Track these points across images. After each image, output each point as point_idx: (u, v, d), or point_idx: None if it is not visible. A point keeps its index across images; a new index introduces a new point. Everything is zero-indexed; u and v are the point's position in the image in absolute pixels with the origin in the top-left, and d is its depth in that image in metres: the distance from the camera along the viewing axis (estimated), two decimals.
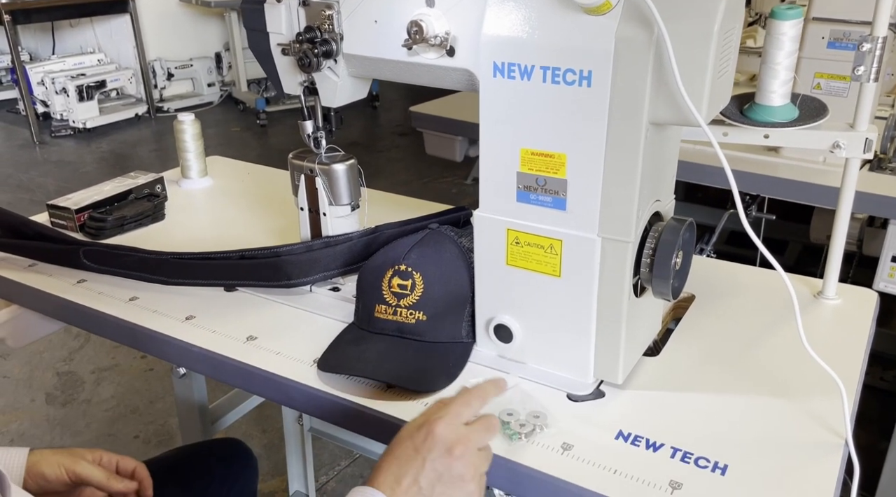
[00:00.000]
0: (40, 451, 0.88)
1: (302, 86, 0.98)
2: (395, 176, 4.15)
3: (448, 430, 0.68)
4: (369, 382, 0.87)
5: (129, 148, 4.72)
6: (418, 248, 0.93)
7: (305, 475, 1.79)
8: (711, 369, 0.89)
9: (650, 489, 0.71)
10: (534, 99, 0.77)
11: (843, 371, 0.81)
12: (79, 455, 0.89)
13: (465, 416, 0.71)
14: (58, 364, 2.51)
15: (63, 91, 4.77)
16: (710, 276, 1.09)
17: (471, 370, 0.90)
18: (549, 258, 0.83)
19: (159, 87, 5.36)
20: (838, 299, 1.03)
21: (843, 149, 0.92)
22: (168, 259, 1.07)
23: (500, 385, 0.77)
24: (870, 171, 1.53)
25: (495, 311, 0.89)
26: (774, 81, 0.91)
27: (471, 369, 0.90)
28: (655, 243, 0.81)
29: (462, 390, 0.74)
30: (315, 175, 1.03)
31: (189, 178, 1.48)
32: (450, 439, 0.67)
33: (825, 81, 1.51)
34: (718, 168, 0.73)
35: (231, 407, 1.59)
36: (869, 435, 1.89)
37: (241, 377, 0.93)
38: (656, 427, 0.79)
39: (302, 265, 1.03)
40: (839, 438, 0.77)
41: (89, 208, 1.26)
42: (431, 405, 0.73)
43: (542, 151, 0.79)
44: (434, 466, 0.67)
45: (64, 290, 1.08)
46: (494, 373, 0.89)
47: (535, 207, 0.82)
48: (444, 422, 0.68)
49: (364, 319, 0.95)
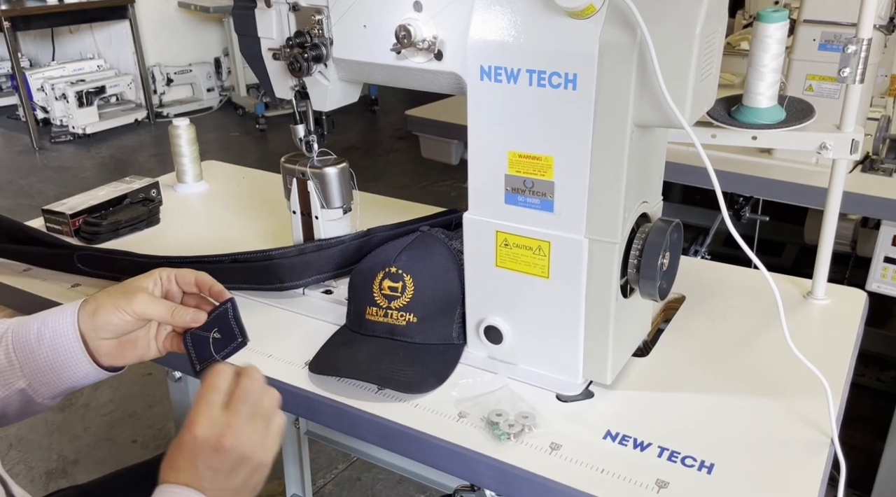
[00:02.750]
0: (94, 298, 0.80)
1: (293, 90, 0.99)
2: (395, 180, 4.16)
3: (206, 428, 0.67)
4: (361, 384, 0.87)
5: (129, 153, 4.73)
6: (409, 250, 0.94)
7: (302, 478, 1.79)
8: (700, 370, 0.90)
9: (637, 488, 0.72)
10: (520, 102, 0.78)
11: (830, 371, 0.82)
12: (134, 289, 0.80)
13: (218, 400, 0.69)
14: None
15: (63, 97, 4.79)
16: (701, 277, 1.10)
17: (461, 372, 0.90)
18: (537, 259, 0.84)
19: (159, 92, 5.38)
20: (827, 299, 1.04)
21: (830, 150, 0.93)
22: (162, 263, 1.08)
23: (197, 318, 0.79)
24: (862, 172, 1.54)
25: (485, 312, 0.90)
26: (761, 83, 0.92)
27: (461, 371, 0.90)
28: (642, 244, 0.81)
29: (204, 377, 0.72)
30: (307, 178, 1.04)
31: (184, 182, 1.48)
32: (212, 437, 0.66)
33: (817, 83, 1.51)
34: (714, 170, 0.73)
35: None
36: (865, 435, 1.90)
37: None
38: (644, 427, 0.80)
39: (294, 268, 1.04)
40: (826, 438, 0.78)
41: (84, 213, 1.27)
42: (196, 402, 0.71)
43: (530, 154, 0.80)
44: (211, 466, 0.66)
45: (59, 295, 1.09)
46: (485, 374, 0.89)
47: (523, 209, 0.83)
48: (200, 420, 0.67)
49: (356, 322, 0.96)
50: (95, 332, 0.79)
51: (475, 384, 0.88)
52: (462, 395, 0.86)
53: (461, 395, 0.86)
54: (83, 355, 0.79)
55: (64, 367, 0.78)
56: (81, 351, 0.78)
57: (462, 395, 0.86)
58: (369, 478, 2.00)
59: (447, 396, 0.86)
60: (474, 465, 0.77)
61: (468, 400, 0.85)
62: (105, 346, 0.80)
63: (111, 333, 0.79)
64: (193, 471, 0.66)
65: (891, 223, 1.45)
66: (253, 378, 0.72)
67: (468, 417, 0.82)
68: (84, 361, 0.79)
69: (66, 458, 2.10)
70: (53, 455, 2.12)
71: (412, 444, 0.81)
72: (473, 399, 0.85)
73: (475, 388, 0.87)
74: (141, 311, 0.79)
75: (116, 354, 0.81)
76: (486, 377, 0.89)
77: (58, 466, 2.08)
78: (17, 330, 0.80)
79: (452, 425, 0.81)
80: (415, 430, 0.80)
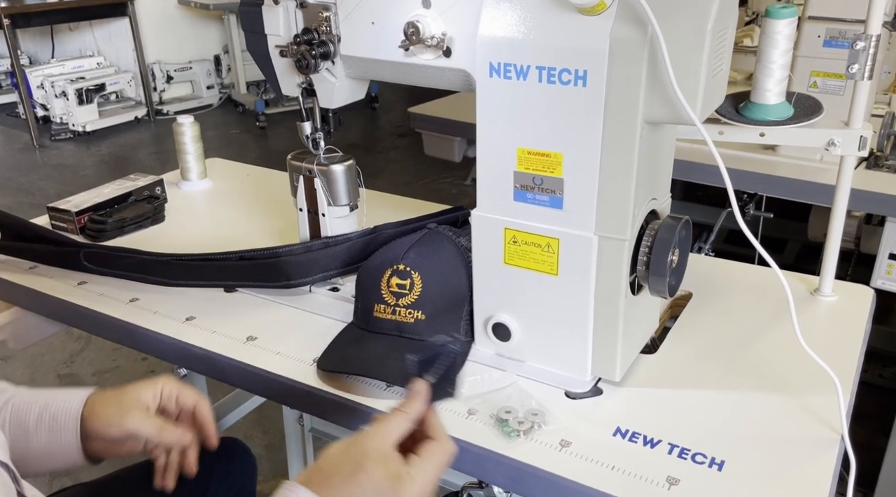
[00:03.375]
0: (92, 402, 0.82)
1: (300, 87, 0.99)
2: (395, 177, 4.15)
3: (379, 469, 0.63)
4: (369, 382, 0.87)
5: (129, 151, 4.72)
6: (417, 247, 0.94)
7: None
8: (708, 366, 0.90)
9: (648, 485, 0.72)
10: (530, 99, 0.78)
11: (839, 367, 0.82)
12: (129, 404, 0.83)
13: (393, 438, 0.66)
14: (59, 366, 2.52)
15: (63, 94, 4.78)
16: (707, 275, 1.10)
17: (469, 369, 0.90)
18: (546, 257, 0.83)
19: (158, 89, 5.37)
20: (835, 296, 1.04)
21: (838, 146, 0.93)
22: (168, 260, 1.08)
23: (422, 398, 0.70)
24: (867, 168, 1.54)
25: (493, 309, 0.89)
26: (770, 80, 0.91)
27: (469, 368, 0.90)
28: (652, 241, 0.81)
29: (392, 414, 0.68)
30: (314, 176, 1.04)
31: (189, 180, 1.48)
32: (380, 480, 0.63)
33: (821, 80, 1.51)
34: (717, 167, 0.73)
35: (231, 408, 1.59)
36: (868, 432, 1.90)
37: (242, 377, 0.93)
38: (654, 424, 0.80)
39: (301, 266, 1.04)
40: (835, 434, 0.78)
41: (89, 211, 1.27)
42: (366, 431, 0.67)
43: (539, 151, 0.80)
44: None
45: (65, 293, 1.09)
46: (493, 371, 0.89)
47: (533, 206, 0.82)
48: (378, 456, 0.64)
49: (363, 319, 0.96)
50: (87, 433, 0.83)
51: (483, 381, 0.88)
52: (471, 392, 0.86)
53: (470, 393, 0.86)
54: (76, 448, 0.82)
55: (54, 454, 0.81)
56: (77, 446, 0.82)
57: (471, 392, 0.86)
58: None
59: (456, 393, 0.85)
60: (485, 462, 0.77)
61: (477, 397, 0.85)
62: (95, 445, 0.83)
63: (101, 439, 0.83)
64: (330, 494, 0.63)
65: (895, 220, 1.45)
66: (449, 452, 0.68)
67: (477, 414, 0.82)
68: (75, 453, 0.82)
69: None
70: None
71: None
72: (482, 396, 0.85)
73: (483, 385, 0.87)
74: (132, 428, 0.82)
75: (103, 451, 0.84)
76: (494, 374, 0.89)
77: None
78: (18, 408, 0.82)
79: (462, 422, 0.81)
80: None
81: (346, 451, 0.65)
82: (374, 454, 0.64)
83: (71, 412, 0.82)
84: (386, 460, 0.64)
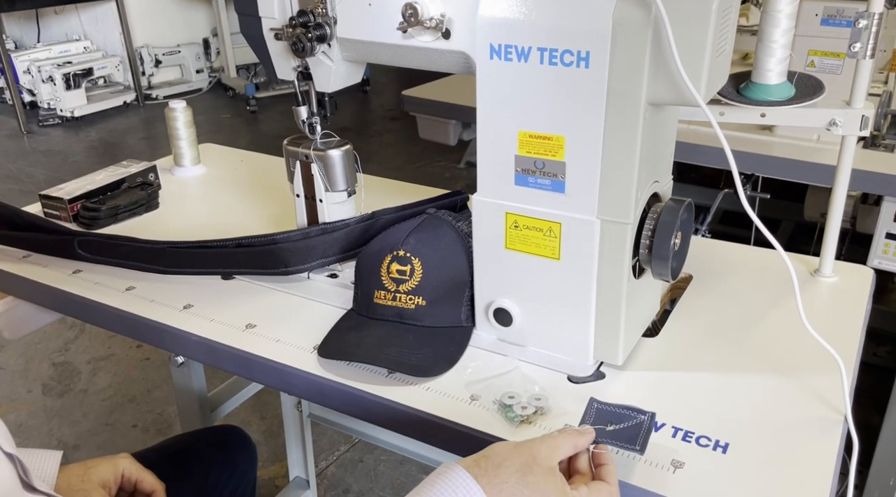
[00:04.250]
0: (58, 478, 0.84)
1: (296, 71, 0.97)
2: (388, 161, 4.13)
3: (550, 480, 0.64)
4: (371, 368, 0.87)
5: (119, 136, 4.68)
6: (416, 233, 0.93)
7: (305, 461, 1.79)
8: (710, 349, 0.90)
9: (653, 469, 0.72)
10: (531, 81, 0.77)
11: (842, 348, 0.82)
12: (93, 483, 0.84)
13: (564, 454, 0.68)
14: (53, 354, 2.51)
15: (50, 79, 4.72)
16: (706, 256, 1.09)
17: (471, 354, 0.90)
18: (548, 241, 0.83)
19: (147, 74, 5.31)
20: (835, 277, 1.04)
21: (840, 126, 0.92)
22: (164, 248, 1.07)
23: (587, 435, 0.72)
24: (864, 148, 1.53)
25: (495, 294, 0.89)
26: (771, 59, 0.91)
27: (471, 354, 0.90)
28: (654, 224, 0.81)
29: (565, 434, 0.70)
30: (311, 161, 1.03)
31: (182, 165, 1.46)
32: (553, 490, 0.64)
33: (819, 59, 1.50)
34: (713, 148, 0.73)
35: (230, 395, 1.59)
36: (863, 410, 1.91)
37: (242, 365, 0.92)
38: (657, 407, 0.79)
39: (299, 252, 1.03)
40: (839, 415, 0.78)
41: (82, 198, 1.25)
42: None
43: (541, 134, 0.79)
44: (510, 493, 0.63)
45: (59, 281, 1.07)
46: (494, 356, 0.89)
47: (534, 190, 0.82)
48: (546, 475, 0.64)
49: (363, 306, 0.95)
50: None
51: (485, 366, 0.88)
52: (473, 377, 0.86)
53: (472, 378, 0.85)
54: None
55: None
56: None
57: (473, 377, 0.86)
58: (371, 459, 2.01)
59: (458, 379, 0.85)
60: None
61: (479, 382, 0.85)
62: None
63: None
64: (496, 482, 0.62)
65: (893, 199, 1.45)
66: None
67: (480, 400, 0.82)
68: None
69: (66, 443, 2.10)
70: (54, 441, 2.11)
71: (426, 427, 0.80)
72: (485, 382, 0.85)
73: (486, 370, 0.87)
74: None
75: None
76: (496, 360, 0.89)
77: None
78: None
79: (465, 408, 0.81)
80: (428, 413, 0.80)
81: (515, 449, 0.65)
82: (544, 462, 0.64)
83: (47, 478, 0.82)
84: (554, 473, 0.65)
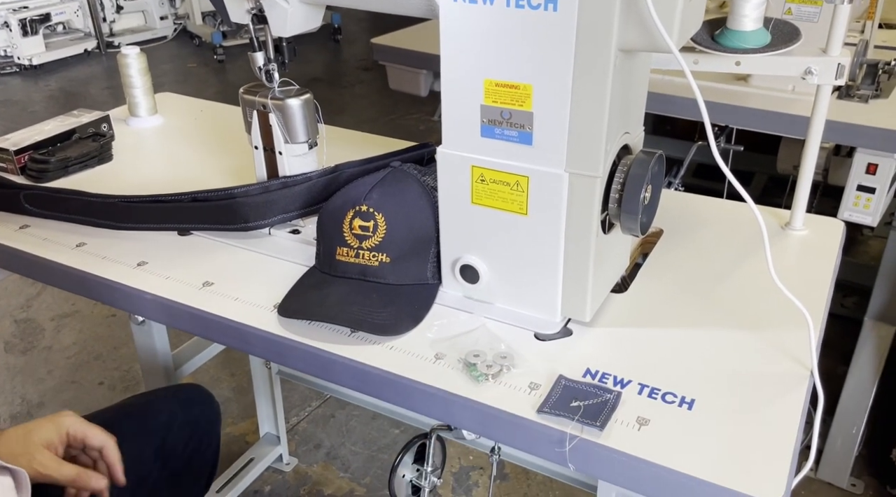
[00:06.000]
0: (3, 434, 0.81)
1: (249, 13, 0.92)
2: (361, 113, 4.04)
3: None
4: (332, 327, 0.84)
5: (80, 86, 4.52)
6: (380, 187, 0.89)
7: (276, 417, 1.78)
8: (679, 304, 0.88)
9: (618, 426, 0.71)
10: (497, 25, 0.72)
11: (810, 302, 0.81)
12: (37, 444, 0.82)
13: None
14: (15, 311, 2.45)
15: (5, 25, 4.52)
16: (678, 210, 1.08)
17: (437, 312, 0.87)
18: (515, 196, 0.80)
19: (108, 20, 5.10)
20: (805, 230, 1.02)
21: (815, 75, 0.90)
22: (116, 202, 1.02)
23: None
24: (838, 98, 1.51)
25: (461, 251, 0.86)
26: (747, 5, 0.87)
27: (437, 311, 0.88)
28: (624, 177, 0.78)
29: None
30: (269, 111, 0.98)
31: (137, 116, 1.40)
32: None
33: (796, 6, 1.47)
34: (688, 99, 0.70)
35: (195, 352, 1.56)
36: (829, 360, 1.94)
37: (199, 325, 0.89)
38: (624, 364, 0.78)
39: (259, 207, 0.99)
40: (805, 370, 0.77)
41: (30, 149, 1.19)
42: None
43: (507, 82, 0.75)
44: None
45: (5, 237, 1.02)
46: (460, 313, 0.87)
47: (501, 142, 0.78)
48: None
49: (325, 263, 0.92)
50: None
51: (451, 324, 0.86)
52: (438, 335, 0.84)
53: (437, 336, 0.83)
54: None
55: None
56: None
57: (438, 335, 0.84)
58: (343, 414, 2.00)
59: (423, 338, 0.83)
60: (452, 407, 0.76)
61: (444, 341, 0.82)
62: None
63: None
64: None
65: (865, 151, 1.43)
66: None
67: (445, 359, 0.80)
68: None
69: (30, 401, 2.07)
70: (17, 399, 2.07)
71: (389, 387, 0.78)
72: (450, 340, 0.83)
73: (451, 328, 0.85)
74: (45, 472, 0.80)
75: None
76: (461, 317, 0.87)
77: (22, 410, 2.04)
78: None
79: (429, 367, 0.79)
80: (391, 372, 0.78)
81: None
82: None
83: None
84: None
